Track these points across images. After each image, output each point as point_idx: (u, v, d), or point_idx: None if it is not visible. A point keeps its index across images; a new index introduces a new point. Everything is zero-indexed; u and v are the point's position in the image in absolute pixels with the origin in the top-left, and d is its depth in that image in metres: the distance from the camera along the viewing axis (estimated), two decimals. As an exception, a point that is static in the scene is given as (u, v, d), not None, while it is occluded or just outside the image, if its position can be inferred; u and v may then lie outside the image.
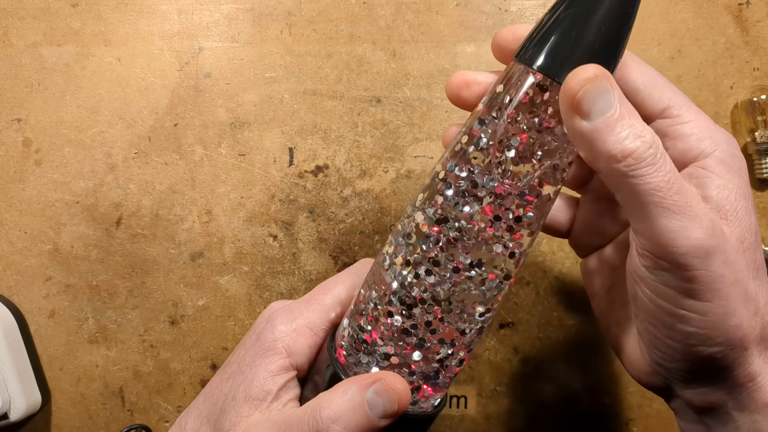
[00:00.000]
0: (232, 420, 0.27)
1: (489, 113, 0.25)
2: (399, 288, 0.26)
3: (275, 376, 0.27)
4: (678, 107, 0.26)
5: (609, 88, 0.22)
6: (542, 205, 0.25)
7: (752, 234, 0.25)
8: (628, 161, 0.22)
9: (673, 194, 0.23)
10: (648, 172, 0.22)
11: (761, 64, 0.42)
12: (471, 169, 0.24)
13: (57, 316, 0.42)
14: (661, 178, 0.22)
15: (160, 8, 0.42)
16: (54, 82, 0.42)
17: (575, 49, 0.23)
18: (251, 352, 0.29)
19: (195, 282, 0.42)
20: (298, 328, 0.29)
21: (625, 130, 0.22)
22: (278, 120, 0.42)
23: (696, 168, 0.26)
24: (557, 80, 0.23)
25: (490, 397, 0.42)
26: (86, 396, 0.42)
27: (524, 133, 0.24)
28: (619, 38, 0.23)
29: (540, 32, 0.23)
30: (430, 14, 0.42)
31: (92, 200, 0.42)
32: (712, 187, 0.25)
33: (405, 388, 0.25)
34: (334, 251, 0.42)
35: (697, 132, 0.26)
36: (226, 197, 0.42)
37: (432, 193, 0.25)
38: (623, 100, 0.23)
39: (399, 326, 0.26)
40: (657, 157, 0.23)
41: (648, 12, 0.42)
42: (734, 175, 0.25)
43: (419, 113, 0.42)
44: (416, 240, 0.25)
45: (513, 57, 0.25)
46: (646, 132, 0.23)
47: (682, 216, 0.23)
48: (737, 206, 0.25)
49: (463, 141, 0.25)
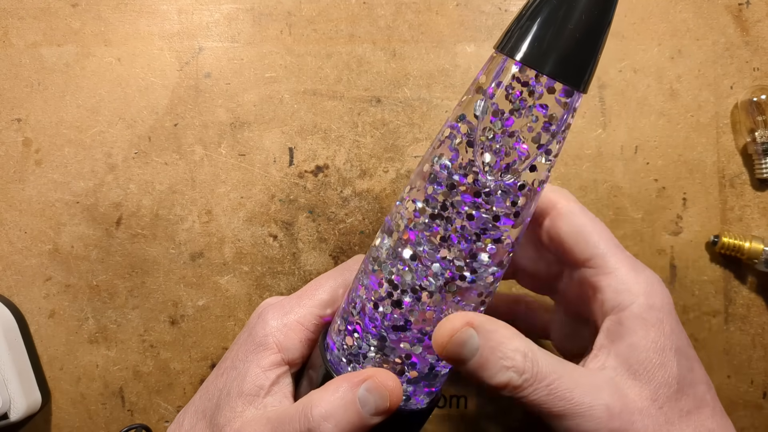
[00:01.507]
0: (227, 415, 0.27)
1: (473, 106, 0.25)
2: (389, 283, 0.26)
3: (267, 371, 0.28)
4: (601, 257, 0.27)
5: (471, 334, 0.24)
6: (530, 195, 0.25)
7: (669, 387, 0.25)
8: (507, 390, 0.24)
9: (557, 402, 0.24)
10: (528, 393, 0.24)
11: (761, 64, 0.42)
12: (456, 162, 0.24)
13: (57, 316, 0.42)
14: (541, 393, 0.24)
15: (160, 8, 0.42)
16: (54, 82, 0.42)
17: (556, 38, 0.23)
18: (243, 348, 0.29)
19: (195, 282, 0.42)
20: (289, 323, 0.29)
21: (494, 367, 0.24)
22: (278, 120, 0.42)
23: (612, 321, 0.26)
24: (540, 70, 0.23)
25: (489, 397, 0.42)
26: (86, 396, 0.42)
27: (507, 125, 0.24)
28: (601, 25, 0.23)
29: (521, 22, 0.23)
30: (430, 14, 0.42)
31: (92, 200, 0.42)
32: (622, 346, 0.26)
33: (396, 384, 0.25)
34: (334, 251, 0.42)
35: (615, 284, 0.27)
36: (226, 197, 0.42)
37: (418, 185, 0.25)
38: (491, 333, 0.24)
39: (390, 322, 0.26)
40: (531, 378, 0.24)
41: (648, 12, 0.42)
42: (650, 329, 0.26)
43: (419, 113, 0.42)
44: (405, 234, 0.25)
45: (494, 48, 0.25)
46: (517, 357, 0.24)
47: (571, 417, 0.24)
48: (648, 363, 0.25)
49: (445, 134, 0.25)
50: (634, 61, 0.42)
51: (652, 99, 0.42)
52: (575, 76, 0.23)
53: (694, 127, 0.42)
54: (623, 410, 0.24)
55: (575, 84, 0.23)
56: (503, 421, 0.42)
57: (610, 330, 0.26)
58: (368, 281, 0.26)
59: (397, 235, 0.26)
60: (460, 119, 0.25)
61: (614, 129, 0.42)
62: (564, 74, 0.23)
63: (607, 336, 0.26)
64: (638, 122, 0.42)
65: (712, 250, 0.42)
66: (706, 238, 0.42)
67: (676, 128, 0.42)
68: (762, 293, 0.42)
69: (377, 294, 0.26)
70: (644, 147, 0.42)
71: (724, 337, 0.42)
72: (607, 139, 0.42)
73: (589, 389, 0.24)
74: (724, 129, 0.42)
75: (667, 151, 0.42)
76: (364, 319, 0.26)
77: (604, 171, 0.42)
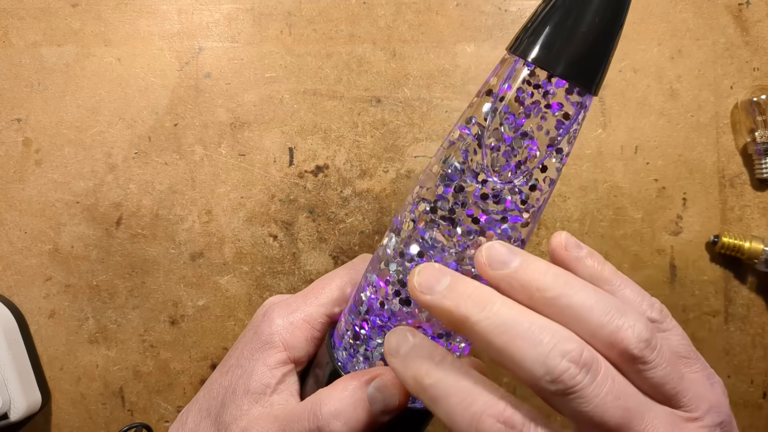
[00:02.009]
0: (233, 414, 0.27)
1: (484, 107, 0.25)
2: (396, 281, 0.26)
3: (273, 369, 0.28)
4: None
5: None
6: (540, 195, 0.25)
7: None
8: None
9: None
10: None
11: (761, 64, 0.42)
12: (466, 164, 0.24)
13: (57, 316, 0.42)
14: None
15: (160, 8, 0.42)
16: (54, 82, 0.42)
17: (569, 40, 0.23)
18: (249, 346, 0.29)
19: (195, 282, 0.42)
20: (295, 321, 0.29)
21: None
22: (278, 120, 0.42)
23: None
24: (552, 72, 0.23)
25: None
26: (86, 396, 0.42)
27: (518, 125, 0.24)
28: (614, 28, 0.23)
29: (534, 24, 0.24)
30: (430, 14, 0.42)
31: (92, 200, 0.42)
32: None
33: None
34: (334, 251, 0.42)
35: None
36: (226, 197, 0.42)
37: (428, 186, 0.25)
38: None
39: (398, 320, 0.26)
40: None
41: (648, 12, 0.42)
42: None
43: (419, 113, 0.42)
44: (414, 233, 0.25)
45: (506, 49, 0.25)
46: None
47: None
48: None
49: (455, 135, 0.25)
50: (634, 61, 0.42)
51: (652, 99, 0.42)
52: (587, 78, 0.23)
53: (694, 127, 0.42)
54: None
55: (587, 86, 0.23)
56: (503, 421, 0.42)
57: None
58: (375, 280, 0.27)
59: (405, 234, 0.26)
60: (470, 121, 0.25)
61: (614, 129, 0.42)
62: (576, 76, 0.23)
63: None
64: (638, 122, 0.42)
65: (712, 250, 0.42)
66: (706, 238, 0.42)
67: (676, 128, 0.42)
68: (762, 293, 0.42)
69: (384, 292, 0.26)
70: (644, 147, 0.42)
71: (724, 337, 0.42)
72: (607, 139, 0.42)
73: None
74: (724, 129, 0.42)
75: (667, 151, 0.42)
76: (372, 317, 0.26)
77: (604, 171, 0.42)
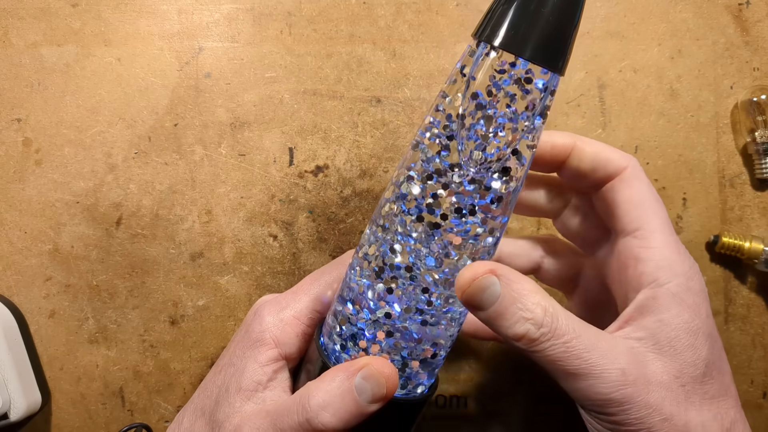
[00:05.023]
0: (226, 411, 0.27)
1: (451, 95, 0.25)
2: (379, 270, 0.26)
3: (264, 366, 0.28)
4: (649, 231, 0.27)
5: (493, 281, 0.24)
6: (514, 177, 0.25)
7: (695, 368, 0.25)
8: (523, 342, 0.24)
9: (573, 360, 0.24)
10: (543, 348, 0.24)
11: (761, 64, 0.42)
12: (438, 152, 0.25)
13: (57, 316, 0.42)
14: (558, 350, 0.24)
15: (160, 8, 0.42)
16: (54, 82, 0.42)
17: (532, 23, 0.23)
18: (241, 344, 0.29)
19: (195, 282, 0.42)
20: (285, 318, 0.29)
21: (513, 317, 0.24)
22: (278, 120, 0.42)
23: (646, 295, 0.26)
24: (518, 55, 0.24)
25: (490, 397, 0.42)
26: (86, 396, 0.42)
27: (489, 112, 0.24)
28: (574, 9, 0.24)
29: (498, 8, 0.24)
30: (430, 14, 0.42)
31: (92, 200, 0.42)
32: (652, 320, 0.25)
33: (392, 371, 0.26)
34: (334, 251, 0.42)
35: (657, 260, 0.26)
36: (226, 197, 0.42)
37: (401, 176, 0.26)
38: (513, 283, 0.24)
39: (382, 309, 0.26)
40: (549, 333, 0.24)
41: (648, 12, 0.42)
42: (684, 310, 0.25)
43: (419, 113, 0.42)
44: (394, 223, 0.26)
45: (472, 36, 0.25)
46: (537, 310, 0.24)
47: (585, 377, 0.24)
48: (677, 342, 0.25)
49: (426, 123, 0.25)
50: (634, 61, 0.42)
51: (652, 99, 0.42)
52: (553, 59, 0.24)
53: (694, 127, 0.42)
54: (639, 378, 0.24)
55: (553, 67, 0.24)
56: (503, 421, 0.42)
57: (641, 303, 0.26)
58: (359, 271, 0.27)
59: (384, 224, 0.26)
60: (439, 109, 0.25)
61: (614, 129, 0.42)
62: (543, 58, 0.24)
63: (637, 309, 0.26)
64: (638, 122, 0.42)
65: (712, 250, 0.42)
66: (706, 238, 0.42)
67: (676, 128, 0.42)
68: (762, 293, 0.42)
69: (368, 283, 0.26)
70: (644, 147, 0.42)
71: (724, 337, 0.42)
72: (607, 139, 0.42)
73: (606, 352, 0.24)
74: (724, 129, 0.42)
75: (667, 151, 0.42)
76: (357, 308, 0.27)
77: (604, 171, 0.42)
